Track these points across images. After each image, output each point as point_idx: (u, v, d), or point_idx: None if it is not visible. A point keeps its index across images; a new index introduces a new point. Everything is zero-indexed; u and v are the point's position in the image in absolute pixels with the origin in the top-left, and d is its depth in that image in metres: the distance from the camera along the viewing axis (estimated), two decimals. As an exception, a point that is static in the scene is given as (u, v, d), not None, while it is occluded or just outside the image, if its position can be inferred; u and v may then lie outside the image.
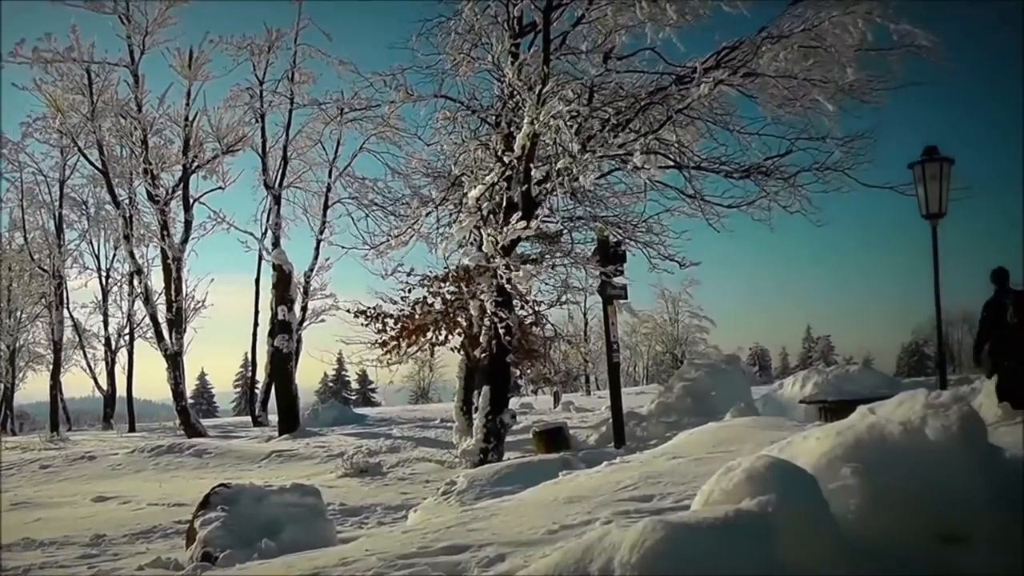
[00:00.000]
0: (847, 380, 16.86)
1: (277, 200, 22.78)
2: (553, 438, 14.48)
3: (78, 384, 61.96)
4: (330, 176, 23.54)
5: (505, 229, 12.29)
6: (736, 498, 2.91)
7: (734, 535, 2.60)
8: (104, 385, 32.65)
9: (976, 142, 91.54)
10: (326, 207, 23.55)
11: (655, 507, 5.02)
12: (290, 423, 20.88)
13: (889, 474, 3.23)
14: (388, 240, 14.78)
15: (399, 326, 15.80)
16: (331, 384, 71.32)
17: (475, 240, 13.70)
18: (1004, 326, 11.09)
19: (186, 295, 24.35)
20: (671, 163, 13.87)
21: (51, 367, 31.53)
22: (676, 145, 13.85)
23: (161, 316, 23.76)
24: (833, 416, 13.09)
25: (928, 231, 11.38)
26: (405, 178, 15.97)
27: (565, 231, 15.46)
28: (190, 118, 23.40)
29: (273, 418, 23.59)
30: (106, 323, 32.54)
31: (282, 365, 21.72)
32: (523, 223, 12.17)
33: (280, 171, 23.09)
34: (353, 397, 70.20)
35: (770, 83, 12.49)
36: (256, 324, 27.84)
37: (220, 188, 24.61)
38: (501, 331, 12.79)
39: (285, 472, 14.02)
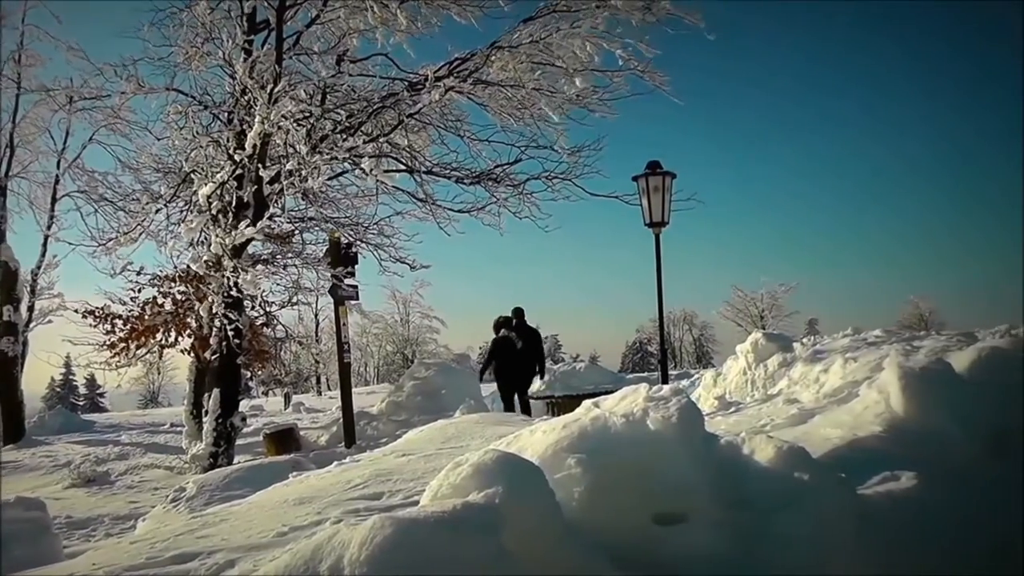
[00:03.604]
0: (574, 376, 17.64)
1: (2, 191, 20.95)
2: (284, 440, 14.31)
3: None
4: (59, 168, 21.93)
5: (236, 232, 12.05)
6: (464, 492, 2.93)
7: (462, 528, 2.61)
8: None
9: (698, 156, 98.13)
10: (54, 200, 21.84)
11: (385, 504, 5.04)
12: (15, 432, 19.30)
13: (612, 463, 3.38)
14: (117, 237, 14.07)
15: (128, 327, 15.14)
16: (59, 389, 66.82)
17: (205, 239, 13.32)
18: (511, 350, 15.19)
19: None
20: (403, 167, 14.04)
21: None
22: (407, 150, 14.03)
23: None
24: (560, 410, 13.79)
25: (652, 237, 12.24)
26: (136, 173, 15.23)
27: (296, 232, 15.31)
28: None
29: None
30: None
31: (7, 369, 19.95)
32: (253, 224, 11.99)
33: (6, 160, 21.28)
34: (81, 403, 66.20)
35: (500, 92, 12.95)
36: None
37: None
38: (231, 332, 12.50)
39: (11, 485, 13.01)
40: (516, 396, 15.41)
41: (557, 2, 12.27)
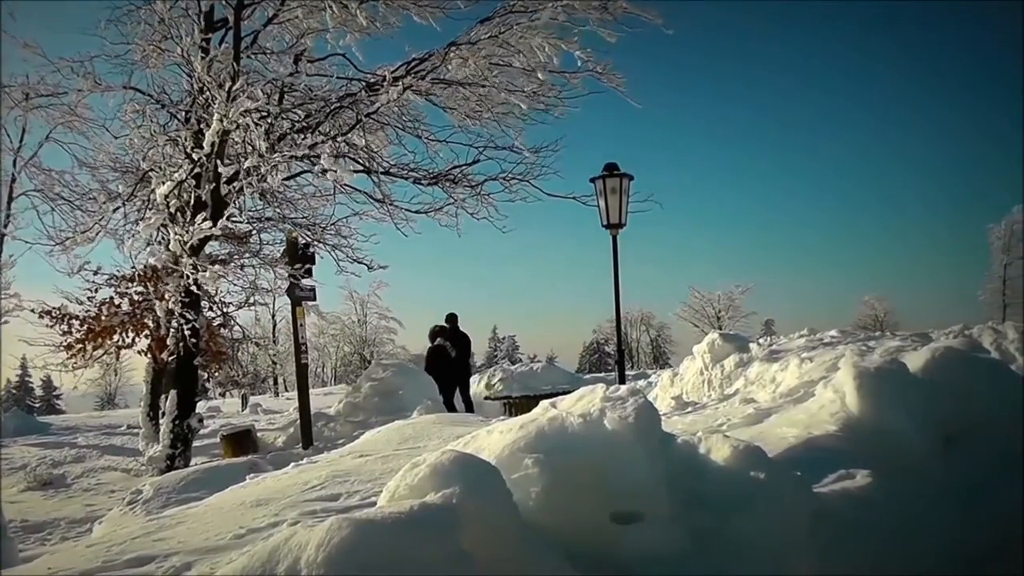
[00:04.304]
0: (531, 377, 17.68)
1: (-43, 191, 20.56)
2: (241, 441, 14.19)
3: None
4: (15, 166, 21.53)
5: (192, 228, 11.95)
6: (421, 492, 2.93)
7: (420, 528, 2.61)
8: None
9: (656, 158, 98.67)
10: (10, 199, 21.44)
11: (342, 506, 5.04)
12: (-28, 435, 18.95)
13: (569, 463, 3.38)
14: (74, 236, 13.90)
15: (85, 328, 14.93)
16: (14, 391, 65.82)
17: (163, 239, 13.18)
18: (445, 358, 16.68)
19: None
20: (360, 167, 14.00)
21: None
22: (365, 150, 14.00)
23: None
24: (518, 411, 13.81)
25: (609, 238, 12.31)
26: (93, 171, 15.04)
27: (254, 232, 15.21)
28: None
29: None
30: None
31: (-37, 372, 19.68)
32: (210, 222, 11.89)
33: (-37, 157, 20.79)
34: (38, 404, 65.34)
35: (458, 92, 12.95)
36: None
37: None
38: (188, 333, 12.38)
39: (-33, 491, 12.86)
40: (459, 395, 16.56)
41: (515, 2, 12.30)
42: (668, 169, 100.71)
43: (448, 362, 16.87)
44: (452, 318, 17.50)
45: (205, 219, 11.89)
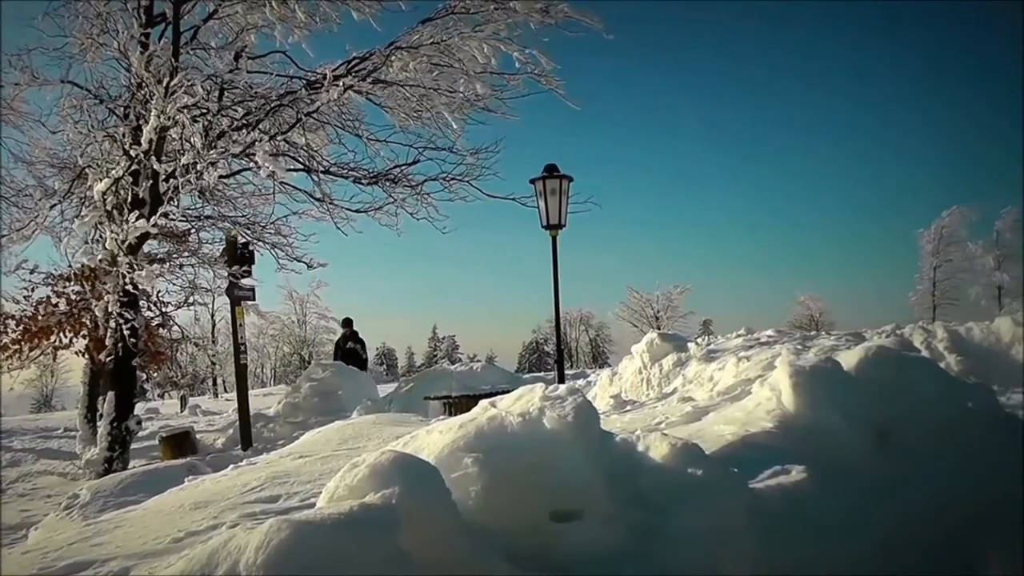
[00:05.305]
0: (471, 376, 17.63)
1: None
2: (179, 443, 14.01)
3: None
4: (-51, 160, 20.96)
5: (129, 226, 11.79)
6: (361, 493, 2.92)
7: (359, 529, 2.61)
8: None
9: (596, 159, 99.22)
10: None
11: (282, 507, 5.00)
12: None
13: (508, 462, 3.39)
14: (9, 234, 13.64)
15: (21, 328, 14.62)
16: (-53, 394, 64.01)
17: (100, 237, 12.98)
18: (341, 349, 18.56)
19: None
20: (300, 166, 13.95)
21: None
22: (305, 148, 13.95)
23: None
24: (457, 410, 13.80)
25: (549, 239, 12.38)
26: (29, 167, 14.76)
27: (193, 230, 15.03)
28: None
29: None
30: None
31: None
32: (148, 220, 11.76)
33: None
34: (-30, 407, 63.58)
35: (399, 93, 12.95)
36: None
37: None
38: (127, 333, 12.23)
39: None
40: None
41: (456, 4, 12.32)
42: (609, 170, 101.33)
43: (363, 365, 18.30)
44: (350, 322, 19.63)
45: (142, 217, 11.75)
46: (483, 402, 4.02)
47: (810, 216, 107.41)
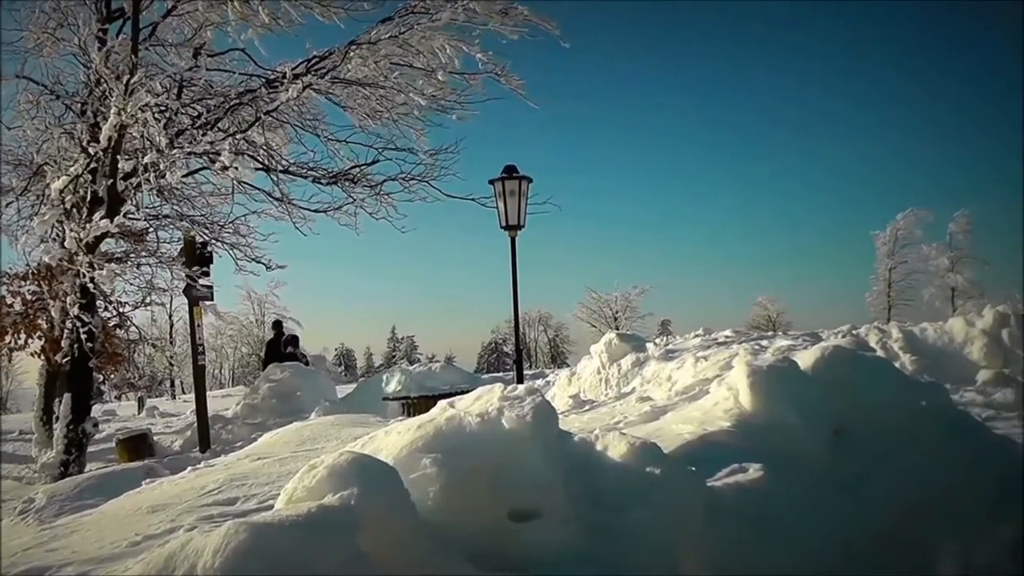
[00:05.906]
0: (430, 377, 17.62)
1: None
2: (137, 445, 13.90)
3: None
4: (-100, 157, 20.54)
5: (88, 225, 11.68)
6: (319, 495, 2.91)
7: (317, 531, 2.60)
8: None
9: (555, 160, 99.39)
10: None
11: (240, 510, 4.96)
12: None
13: (466, 462, 3.40)
14: (-36, 233, 13.48)
15: (-27, 329, 14.40)
16: (-102, 396, 62.94)
17: (58, 235, 12.83)
18: (278, 354, 19.18)
19: None
20: (259, 165, 13.86)
21: None
22: (264, 147, 13.86)
23: None
24: (416, 411, 13.79)
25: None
26: (-15, 164, 14.59)
27: (151, 229, 14.90)
28: None
29: None
30: None
31: None
32: (107, 219, 11.64)
33: None
34: (-75, 411, 62.53)
35: (359, 92, 12.91)
36: None
37: None
38: (84, 334, 12.09)
39: None
40: None
41: (415, 3, 12.31)
42: (568, 171, 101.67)
43: (280, 354, 19.11)
44: (280, 325, 22.30)
45: (102, 216, 11.63)
46: (442, 402, 4.02)
47: (768, 217, 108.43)
